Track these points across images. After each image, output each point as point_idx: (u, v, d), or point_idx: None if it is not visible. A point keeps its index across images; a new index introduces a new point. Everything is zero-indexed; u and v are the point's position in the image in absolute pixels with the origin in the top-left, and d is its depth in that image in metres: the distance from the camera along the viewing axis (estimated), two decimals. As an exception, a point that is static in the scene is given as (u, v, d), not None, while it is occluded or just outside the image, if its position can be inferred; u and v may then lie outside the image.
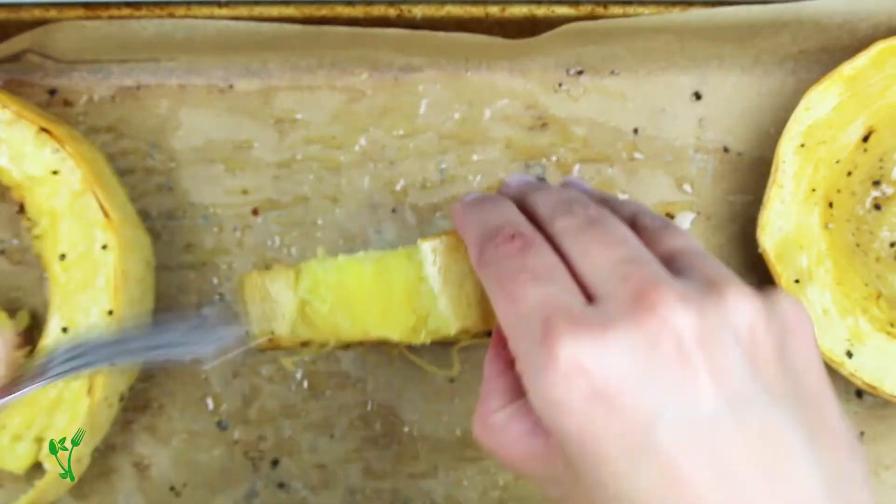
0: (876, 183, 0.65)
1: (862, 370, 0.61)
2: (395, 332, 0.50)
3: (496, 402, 0.43)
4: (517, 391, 0.43)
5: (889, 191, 0.65)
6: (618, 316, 0.37)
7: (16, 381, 0.51)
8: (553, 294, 0.38)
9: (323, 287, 0.52)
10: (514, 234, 0.41)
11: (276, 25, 0.63)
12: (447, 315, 0.46)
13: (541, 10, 0.63)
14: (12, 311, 0.64)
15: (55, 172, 0.61)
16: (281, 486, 0.65)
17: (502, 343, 0.43)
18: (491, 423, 0.42)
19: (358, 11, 0.63)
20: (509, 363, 0.43)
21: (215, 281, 0.66)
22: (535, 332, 0.37)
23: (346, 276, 0.51)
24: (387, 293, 0.50)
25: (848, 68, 0.62)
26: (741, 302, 0.38)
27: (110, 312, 0.60)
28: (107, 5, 0.63)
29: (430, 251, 0.47)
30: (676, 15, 0.63)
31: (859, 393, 0.65)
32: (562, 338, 0.36)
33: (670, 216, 0.67)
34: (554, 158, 0.67)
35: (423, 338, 0.48)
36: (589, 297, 0.39)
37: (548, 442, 0.40)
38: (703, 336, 0.37)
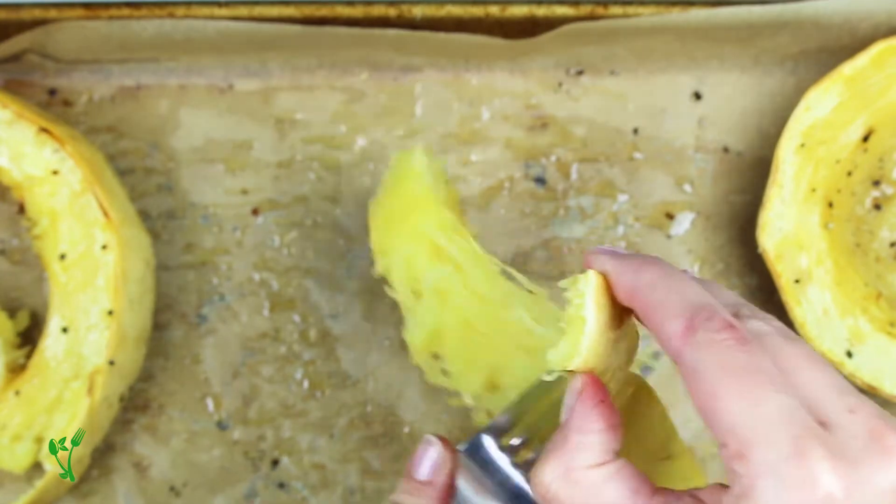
0: (876, 183, 0.65)
1: (862, 370, 0.61)
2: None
3: (591, 458, 0.41)
4: (614, 452, 0.41)
5: (889, 191, 0.65)
6: (862, 455, 0.36)
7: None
8: (797, 409, 0.36)
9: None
10: (730, 323, 0.38)
11: (276, 25, 0.63)
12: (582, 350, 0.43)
13: (541, 11, 0.63)
14: (12, 311, 0.64)
15: (55, 172, 0.61)
16: (281, 486, 0.65)
17: (601, 394, 0.42)
18: (581, 479, 0.40)
19: (358, 11, 0.63)
20: (609, 420, 0.41)
21: (215, 281, 0.66)
22: (781, 444, 0.36)
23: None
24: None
25: (848, 68, 0.62)
26: None
27: (110, 312, 0.60)
28: (107, 5, 0.63)
29: (592, 283, 0.43)
30: (676, 15, 0.63)
31: (859, 393, 0.65)
32: (821, 463, 0.35)
33: (670, 216, 0.67)
34: (554, 158, 0.67)
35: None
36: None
37: None
38: None
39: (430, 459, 0.46)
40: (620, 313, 0.43)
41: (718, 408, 0.37)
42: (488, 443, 0.46)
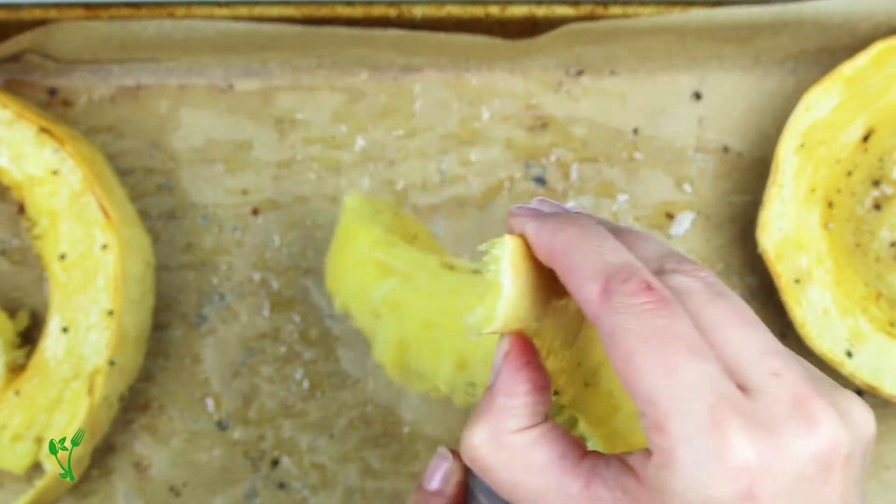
0: (876, 183, 0.65)
1: (862, 370, 0.61)
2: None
3: (517, 422, 0.40)
4: (542, 414, 0.40)
5: (889, 191, 0.65)
6: (783, 422, 0.35)
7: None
8: (714, 375, 0.35)
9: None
10: (649, 285, 0.37)
11: (276, 25, 0.63)
12: (501, 313, 0.41)
13: (541, 11, 0.63)
14: (12, 311, 0.64)
15: (55, 172, 0.61)
16: (281, 486, 0.65)
17: (527, 356, 0.41)
18: (508, 443, 0.39)
19: (358, 11, 0.63)
20: (537, 382, 0.40)
21: (215, 281, 0.66)
22: (699, 414, 0.35)
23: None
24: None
25: (848, 68, 0.62)
26: (867, 419, 0.38)
27: (110, 312, 0.60)
28: (107, 5, 0.63)
29: (508, 248, 0.41)
30: (676, 15, 0.63)
31: (859, 393, 0.65)
32: (738, 432, 0.34)
33: (670, 216, 0.67)
34: (554, 158, 0.67)
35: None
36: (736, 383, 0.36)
37: (589, 488, 0.38)
38: (849, 459, 0.36)
39: (441, 471, 0.46)
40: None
41: (635, 377, 0.36)
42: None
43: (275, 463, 0.65)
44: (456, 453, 0.46)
